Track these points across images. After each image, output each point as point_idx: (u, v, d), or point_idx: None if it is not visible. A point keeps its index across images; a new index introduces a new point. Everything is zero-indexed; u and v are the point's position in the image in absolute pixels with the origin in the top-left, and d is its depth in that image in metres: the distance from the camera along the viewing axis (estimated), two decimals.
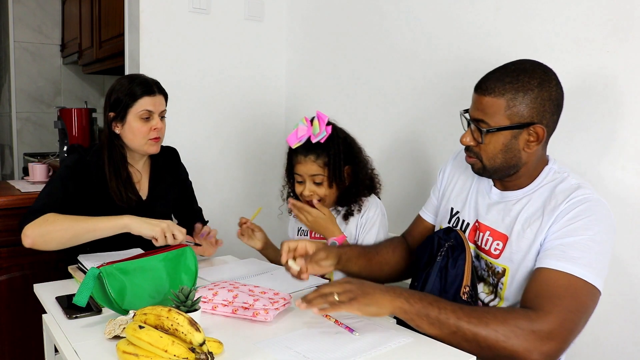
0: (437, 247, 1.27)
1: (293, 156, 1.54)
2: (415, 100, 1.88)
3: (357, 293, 1.04)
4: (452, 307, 1.03)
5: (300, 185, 1.53)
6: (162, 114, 1.60)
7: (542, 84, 1.10)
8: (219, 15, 2.26)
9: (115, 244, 1.52)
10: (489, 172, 1.20)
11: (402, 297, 1.04)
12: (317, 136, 1.47)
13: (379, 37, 2.00)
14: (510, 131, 1.13)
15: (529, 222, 1.16)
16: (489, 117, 1.13)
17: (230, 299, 1.17)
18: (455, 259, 1.22)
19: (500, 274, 1.21)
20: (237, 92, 2.37)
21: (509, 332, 0.99)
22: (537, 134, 1.12)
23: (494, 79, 1.13)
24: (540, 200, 1.16)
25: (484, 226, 1.25)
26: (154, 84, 1.57)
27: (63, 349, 1.01)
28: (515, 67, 1.13)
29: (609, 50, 1.33)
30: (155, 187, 1.68)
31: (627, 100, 1.30)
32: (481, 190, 1.30)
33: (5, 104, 4.02)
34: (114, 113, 1.55)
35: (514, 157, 1.16)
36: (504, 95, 1.11)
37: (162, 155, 1.70)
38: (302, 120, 1.51)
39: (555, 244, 1.09)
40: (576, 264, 1.04)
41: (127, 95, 1.53)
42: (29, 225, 1.39)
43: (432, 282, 1.22)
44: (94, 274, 1.07)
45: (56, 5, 3.92)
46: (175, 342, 0.89)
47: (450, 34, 1.72)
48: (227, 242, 1.77)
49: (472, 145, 1.19)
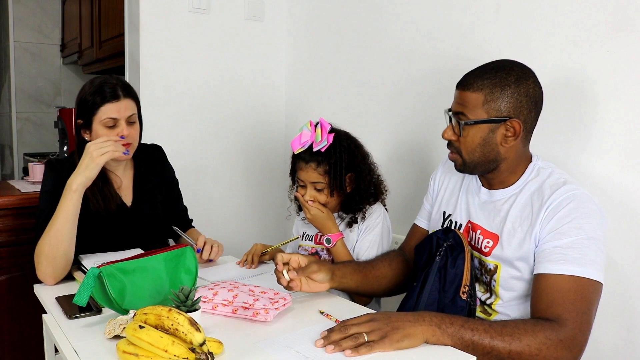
0: (435, 246, 1.27)
1: (296, 161, 1.55)
2: (415, 101, 1.88)
3: (386, 330, 1.01)
4: (484, 326, 1.03)
5: (302, 189, 1.54)
6: (131, 119, 1.49)
7: (519, 80, 1.15)
8: (219, 15, 2.26)
9: (115, 244, 1.52)
10: (469, 167, 1.24)
11: (434, 325, 1.03)
12: (319, 144, 1.48)
13: (379, 37, 2.00)
14: (488, 125, 1.17)
15: (519, 221, 1.18)
16: (468, 110, 1.18)
17: (231, 298, 1.17)
18: (455, 259, 1.23)
19: (492, 271, 1.23)
20: (237, 92, 2.37)
21: (540, 344, 1.01)
22: (514, 129, 1.16)
23: (474, 75, 1.19)
24: (528, 197, 1.19)
25: (476, 225, 1.28)
26: (119, 87, 1.47)
27: (63, 348, 1.01)
28: (494, 65, 1.19)
29: (608, 50, 1.33)
30: (139, 191, 1.61)
31: (626, 100, 1.30)
32: (470, 190, 1.33)
33: (5, 104, 4.02)
34: (82, 120, 1.48)
35: (492, 152, 1.19)
36: (482, 90, 1.16)
37: (146, 155, 1.64)
38: (306, 125, 1.50)
39: (552, 246, 1.11)
40: (579, 264, 1.07)
41: (90, 102, 1.45)
42: (39, 272, 1.36)
43: (432, 282, 1.23)
44: (94, 274, 1.07)
45: (56, 5, 3.92)
46: (175, 342, 0.89)
47: (452, 36, 1.72)
48: (227, 242, 1.77)
49: (453, 139, 1.24)
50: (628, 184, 1.31)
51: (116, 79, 1.51)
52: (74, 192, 1.34)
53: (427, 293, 1.22)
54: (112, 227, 1.53)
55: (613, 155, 1.33)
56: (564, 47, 1.41)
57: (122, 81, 1.52)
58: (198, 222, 2.08)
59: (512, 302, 1.21)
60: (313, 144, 1.49)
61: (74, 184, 1.34)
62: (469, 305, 1.21)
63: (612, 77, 1.32)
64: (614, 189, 1.33)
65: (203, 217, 2.29)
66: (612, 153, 1.34)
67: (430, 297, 1.22)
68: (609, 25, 1.32)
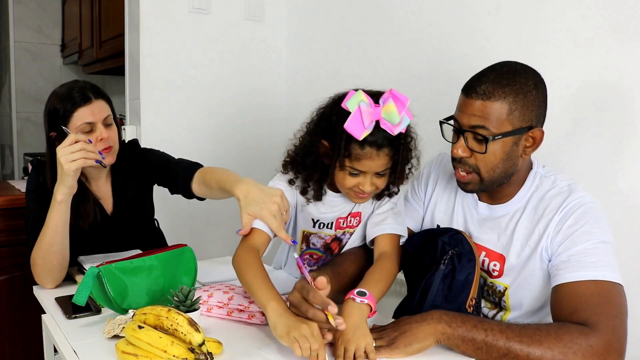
0: (440, 252, 1.17)
1: (355, 148, 1.14)
2: (416, 102, 1.87)
3: (394, 335, 0.97)
4: (500, 327, 0.96)
5: (354, 178, 1.18)
6: (107, 120, 1.41)
7: (537, 85, 1.07)
8: (219, 15, 2.26)
9: (116, 244, 1.52)
10: (486, 186, 1.12)
11: (443, 322, 0.97)
12: (398, 126, 1.12)
13: (379, 37, 1.99)
14: (512, 137, 1.06)
15: (526, 240, 1.11)
16: (492, 123, 1.05)
17: (226, 300, 1.16)
18: (462, 269, 1.13)
19: (501, 293, 1.17)
20: (237, 92, 2.37)
21: (566, 348, 0.92)
22: (534, 138, 1.08)
23: (489, 81, 1.05)
24: (533, 213, 1.12)
25: (479, 246, 1.19)
26: (88, 90, 1.40)
27: (62, 348, 1.01)
28: (507, 69, 1.07)
29: (608, 50, 1.32)
30: (119, 200, 1.53)
31: (627, 101, 1.30)
32: (466, 204, 1.23)
33: (6, 104, 4.02)
34: (55, 132, 1.39)
35: (513, 165, 1.10)
36: (506, 99, 1.04)
37: (120, 160, 1.49)
38: (360, 99, 1.11)
39: (565, 256, 1.04)
40: (596, 268, 1.00)
41: (61, 110, 1.36)
42: (37, 280, 1.33)
43: (435, 291, 1.14)
44: (93, 274, 1.07)
45: (56, 5, 3.92)
46: (174, 342, 0.89)
47: (452, 36, 1.72)
48: (227, 242, 1.77)
49: (465, 156, 1.10)
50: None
51: (83, 82, 1.44)
52: (60, 203, 1.28)
53: (430, 301, 1.14)
54: (96, 237, 1.48)
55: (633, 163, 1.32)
56: (565, 47, 1.41)
57: (89, 83, 1.44)
58: (197, 221, 2.09)
59: (525, 315, 1.15)
60: (388, 125, 1.12)
61: (58, 195, 1.28)
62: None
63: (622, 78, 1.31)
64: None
65: (203, 216, 2.30)
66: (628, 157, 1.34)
67: (434, 305, 1.13)
68: (611, 26, 1.32)
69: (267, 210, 1.15)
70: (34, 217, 1.37)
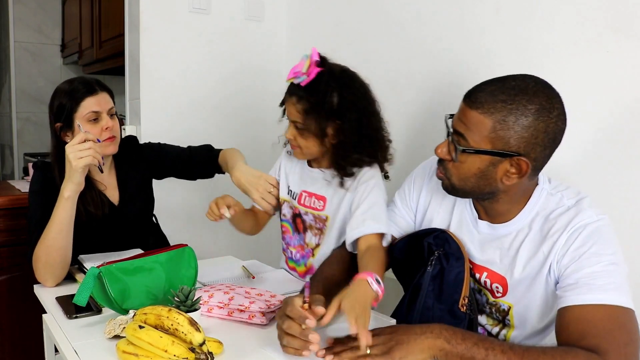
0: (427, 253, 1.15)
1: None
2: (416, 101, 1.88)
3: (390, 345, 0.93)
4: (502, 347, 0.90)
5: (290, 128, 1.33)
6: (111, 111, 1.49)
7: (541, 112, 0.96)
8: (219, 15, 2.26)
9: (115, 244, 1.52)
10: (459, 192, 1.10)
11: (442, 338, 0.92)
12: (299, 77, 1.25)
13: (379, 37, 2.00)
14: (490, 157, 1.00)
15: (529, 261, 1.07)
16: (470, 133, 1.00)
17: (226, 301, 1.16)
18: (451, 268, 1.11)
19: (505, 312, 1.14)
20: (237, 92, 2.37)
21: None
22: (520, 167, 0.99)
23: (487, 91, 0.99)
24: (538, 234, 1.06)
25: (479, 267, 1.15)
26: (94, 82, 1.48)
27: (63, 348, 1.01)
28: (515, 84, 0.98)
29: (609, 50, 1.33)
30: (124, 191, 1.58)
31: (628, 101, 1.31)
32: (465, 222, 1.17)
33: (6, 104, 4.02)
34: (61, 123, 1.45)
35: (488, 185, 1.04)
36: (492, 115, 0.97)
37: (123, 152, 1.57)
38: (307, 54, 1.28)
39: (573, 279, 0.99)
40: (606, 291, 0.95)
41: (68, 100, 1.43)
42: (38, 277, 1.34)
43: (425, 293, 1.12)
44: (94, 274, 1.07)
45: (56, 5, 3.92)
46: (175, 342, 0.89)
47: (453, 37, 1.72)
48: (227, 242, 1.77)
49: (446, 159, 1.07)
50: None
51: (89, 77, 1.51)
52: (67, 199, 1.31)
53: (422, 302, 1.12)
54: (103, 229, 1.51)
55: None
56: (565, 47, 1.42)
57: (94, 78, 1.51)
58: (197, 220, 2.09)
59: (529, 335, 1.12)
60: (295, 75, 1.28)
61: (65, 191, 1.31)
62: (469, 317, 1.12)
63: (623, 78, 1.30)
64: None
65: (203, 216, 2.29)
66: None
67: (425, 307, 1.12)
68: (611, 26, 1.32)
69: (257, 194, 1.47)
70: (37, 218, 1.39)
